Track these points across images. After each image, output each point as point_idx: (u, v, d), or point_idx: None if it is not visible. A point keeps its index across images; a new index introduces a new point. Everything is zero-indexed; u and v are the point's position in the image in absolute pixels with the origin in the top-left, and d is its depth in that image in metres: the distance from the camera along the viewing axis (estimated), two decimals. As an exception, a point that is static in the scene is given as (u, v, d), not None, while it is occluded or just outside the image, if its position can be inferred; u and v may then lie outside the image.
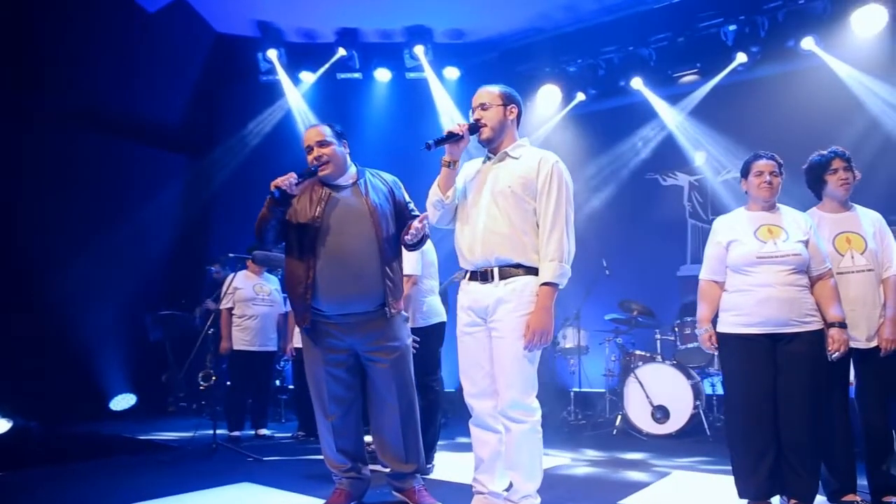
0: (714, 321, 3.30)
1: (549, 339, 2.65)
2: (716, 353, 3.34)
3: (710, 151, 7.00)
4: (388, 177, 3.32)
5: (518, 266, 2.70)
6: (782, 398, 3.10)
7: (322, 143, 3.07)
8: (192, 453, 4.33)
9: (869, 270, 3.26)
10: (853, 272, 3.25)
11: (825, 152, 3.42)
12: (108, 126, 7.25)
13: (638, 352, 6.06)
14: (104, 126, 7.20)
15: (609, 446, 5.14)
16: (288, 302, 5.61)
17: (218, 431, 4.93)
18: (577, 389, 6.53)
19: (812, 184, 3.45)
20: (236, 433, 5.31)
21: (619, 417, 5.82)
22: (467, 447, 3.17)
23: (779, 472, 3.11)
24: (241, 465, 4.25)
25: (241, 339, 5.35)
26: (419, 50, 7.77)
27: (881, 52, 5.73)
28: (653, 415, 5.55)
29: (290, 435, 5.58)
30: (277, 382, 6.84)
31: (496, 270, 2.72)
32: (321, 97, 8.06)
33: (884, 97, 5.75)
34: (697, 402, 5.46)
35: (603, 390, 6.46)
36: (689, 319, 5.78)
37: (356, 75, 8.12)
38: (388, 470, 3.20)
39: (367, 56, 8.03)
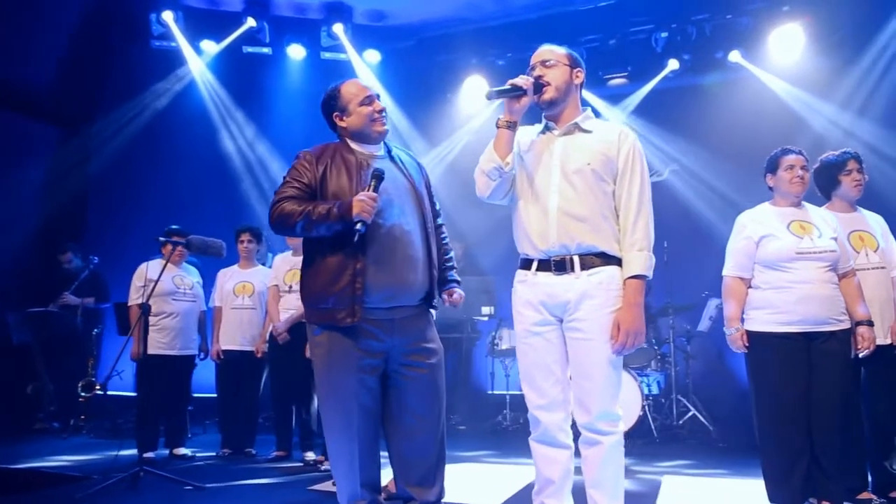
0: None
1: (642, 341, 2.33)
2: (744, 353, 3.22)
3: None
4: (409, 154, 2.82)
5: (601, 255, 2.36)
6: (816, 399, 3.04)
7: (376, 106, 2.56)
8: (110, 485, 3.47)
9: (882, 268, 3.31)
10: (869, 269, 3.29)
11: (838, 153, 3.45)
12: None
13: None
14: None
15: None
16: (214, 296, 4.87)
17: (122, 453, 4.08)
18: (503, 392, 6.32)
19: (825, 183, 3.45)
20: (149, 454, 4.42)
21: (565, 420, 5.66)
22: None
23: (810, 475, 3.05)
24: (180, 498, 3.49)
25: (158, 341, 4.49)
26: (338, 29, 7.21)
27: (803, 64, 6.10)
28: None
29: (214, 454, 4.78)
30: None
31: (576, 259, 2.35)
32: (226, 70, 7.18)
33: (811, 105, 6.12)
34: (644, 403, 5.44)
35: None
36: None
37: (265, 50, 7.36)
38: (383, 496, 2.64)
39: (279, 30, 7.34)
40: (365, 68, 7.35)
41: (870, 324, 3.11)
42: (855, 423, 3.23)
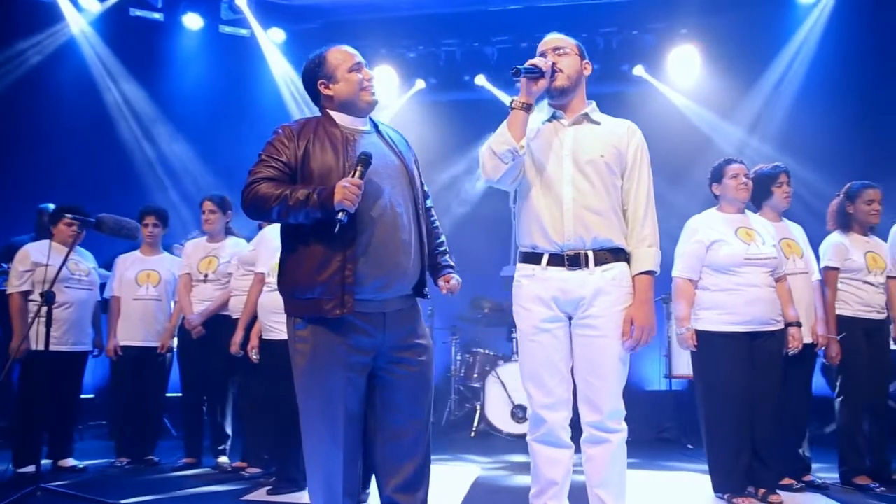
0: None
1: (653, 336, 2.34)
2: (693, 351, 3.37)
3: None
4: (396, 131, 2.63)
5: (613, 250, 2.34)
6: (759, 394, 3.26)
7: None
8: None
9: (805, 273, 3.62)
10: (796, 274, 3.57)
11: (770, 167, 3.71)
12: None
13: (485, 350, 6.00)
14: None
15: (494, 450, 4.94)
16: (111, 285, 4.32)
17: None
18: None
19: (758, 193, 3.68)
20: (28, 468, 3.77)
21: (478, 418, 5.67)
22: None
23: (749, 464, 3.26)
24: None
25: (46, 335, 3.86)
26: (242, 2, 6.70)
27: (702, 84, 6.57)
28: (513, 413, 5.50)
29: (108, 464, 4.21)
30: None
31: (590, 255, 2.32)
32: (113, 33, 6.42)
33: (710, 121, 6.59)
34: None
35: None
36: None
37: (156, 15, 6.68)
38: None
39: (173, -5, 6.68)
40: (273, 48, 6.89)
41: (799, 325, 3.39)
42: (785, 415, 3.49)
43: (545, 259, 2.35)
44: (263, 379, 3.71)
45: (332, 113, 2.31)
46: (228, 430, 4.24)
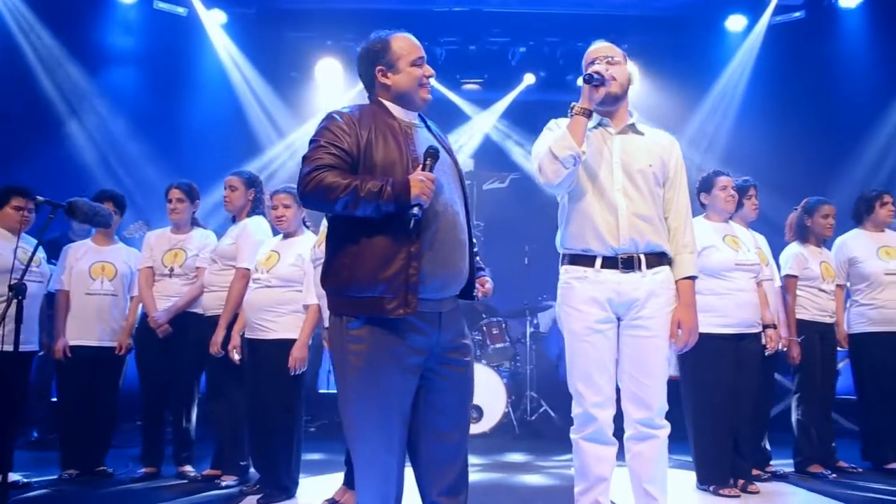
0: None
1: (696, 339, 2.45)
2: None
3: (478, 161, 7.42)
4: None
5: (660, 254, 2.44)
6: (744, 392, 3.50)
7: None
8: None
9: (770, 280, 3.91)
10: (765, 280, 3.85)
11: (741, 180, 3.95)
12: None
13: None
14: None
15: (490, 450, 4.86)
16: (59, 278, 3.92)
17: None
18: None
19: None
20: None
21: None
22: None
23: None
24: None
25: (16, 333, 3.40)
26: (180, -22, 6.31)
27: (643, 100, 6.92)
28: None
29: (55, 478, 3.78)
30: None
31: (643, 258, 2.40)
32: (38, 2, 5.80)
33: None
34: (509, 400, 5.66)
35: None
36: (494, 320, 5.96)
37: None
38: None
39: (101, -37, 6.15)
40: (219, 31, 6.51)
41: (775, 326, 3.68)
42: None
43: (598, 262, 2.41)
44: (247, 381, 3.49)
45: (386, 103, 2.23)
46: (194, 437, 3.95)
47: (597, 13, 7.01)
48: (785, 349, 3.88)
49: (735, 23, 6.76)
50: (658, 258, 2.42)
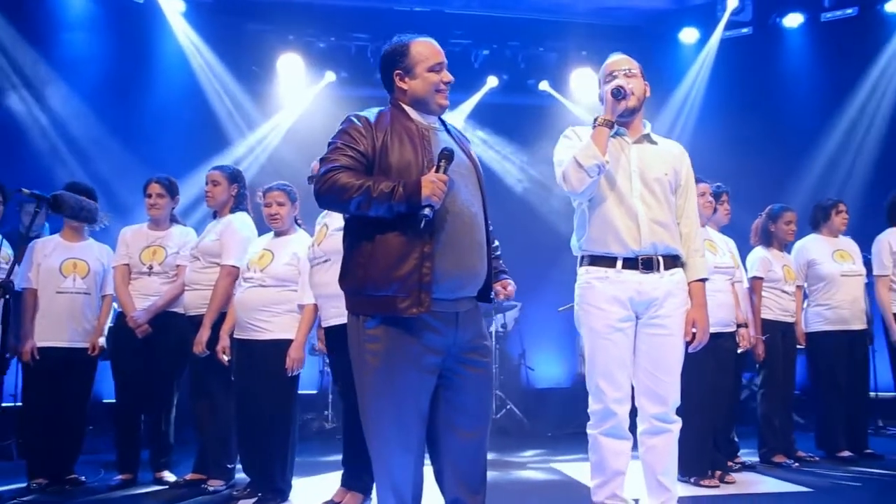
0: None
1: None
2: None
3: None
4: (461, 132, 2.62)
5: (675, 257, 2.56)
6: (718, 389, 3.69)
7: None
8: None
9: (740, 281, 4.13)
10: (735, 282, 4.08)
11: (714, 186, 4.18)
12: None
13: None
14: None
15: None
16: (26, 276, 3.72)
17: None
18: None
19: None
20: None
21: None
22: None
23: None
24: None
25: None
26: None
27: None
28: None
29: (23, 487, 3.55)
30: None
31: (661, 259, 2.51)
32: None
33: None
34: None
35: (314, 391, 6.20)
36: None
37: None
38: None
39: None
40: (179, 19, 6.27)
41: (747, 325, 3.91)
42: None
43: (619, 262, 2.50)
44: (238, 382, 3.40)
45: (404, 106, 2.26)
46: (172, 440, 3.82)
47: (558, 19, 7.20)
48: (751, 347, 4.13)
49: (688, 35, 7.10)
50: (673, 260, 2.55)
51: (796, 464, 4.12)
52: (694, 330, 2.54)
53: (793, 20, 6.75)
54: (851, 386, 4.35)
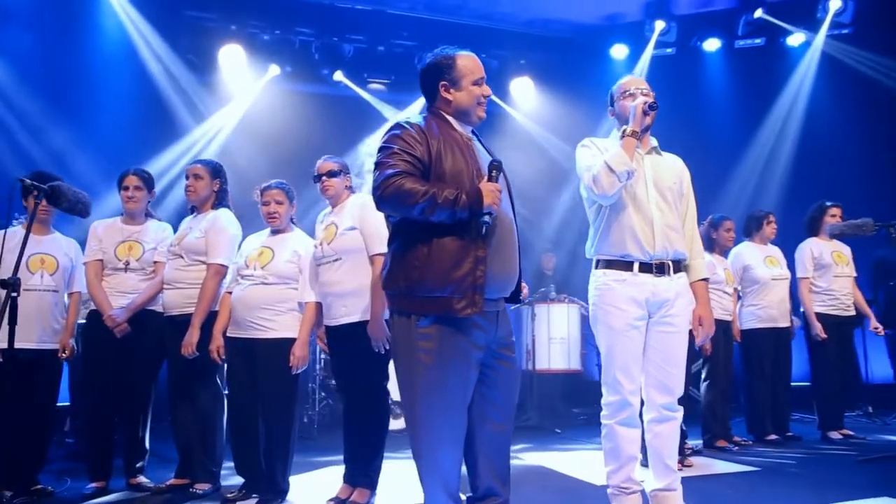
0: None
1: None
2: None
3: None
4: None
5: (681, 260, 2.84)
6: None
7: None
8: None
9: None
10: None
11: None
12: None
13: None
14: None
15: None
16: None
17: None
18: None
19: None
20: None
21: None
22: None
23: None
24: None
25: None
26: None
27: (540, 107, 7.46)
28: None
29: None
30: None
31: (671, 264, 2.78)
32: None
33: (548, 139, 7.50)
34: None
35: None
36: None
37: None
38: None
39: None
40: (128, 8, 5.92)
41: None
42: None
43: (636, 266, 2.74)
44: (236, 382, 3.33)
45: (447, 116, 2.38)
46: (147, 445, 3.66)
47: (500, 28, 7.43)
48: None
49: (618, 51, 7.56)
50: (678, 264, 2.82)
51: (735, 447, 4.58)
52: (701, 326, 2.82)
53: (711, 45, 7.40)
54: (776, 377, 4.89)
